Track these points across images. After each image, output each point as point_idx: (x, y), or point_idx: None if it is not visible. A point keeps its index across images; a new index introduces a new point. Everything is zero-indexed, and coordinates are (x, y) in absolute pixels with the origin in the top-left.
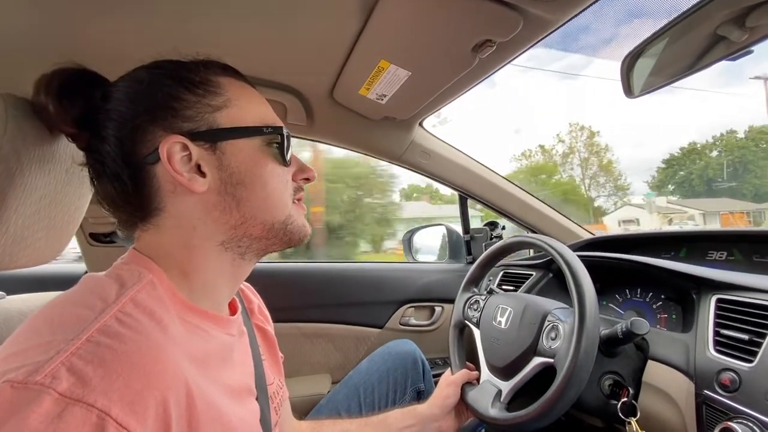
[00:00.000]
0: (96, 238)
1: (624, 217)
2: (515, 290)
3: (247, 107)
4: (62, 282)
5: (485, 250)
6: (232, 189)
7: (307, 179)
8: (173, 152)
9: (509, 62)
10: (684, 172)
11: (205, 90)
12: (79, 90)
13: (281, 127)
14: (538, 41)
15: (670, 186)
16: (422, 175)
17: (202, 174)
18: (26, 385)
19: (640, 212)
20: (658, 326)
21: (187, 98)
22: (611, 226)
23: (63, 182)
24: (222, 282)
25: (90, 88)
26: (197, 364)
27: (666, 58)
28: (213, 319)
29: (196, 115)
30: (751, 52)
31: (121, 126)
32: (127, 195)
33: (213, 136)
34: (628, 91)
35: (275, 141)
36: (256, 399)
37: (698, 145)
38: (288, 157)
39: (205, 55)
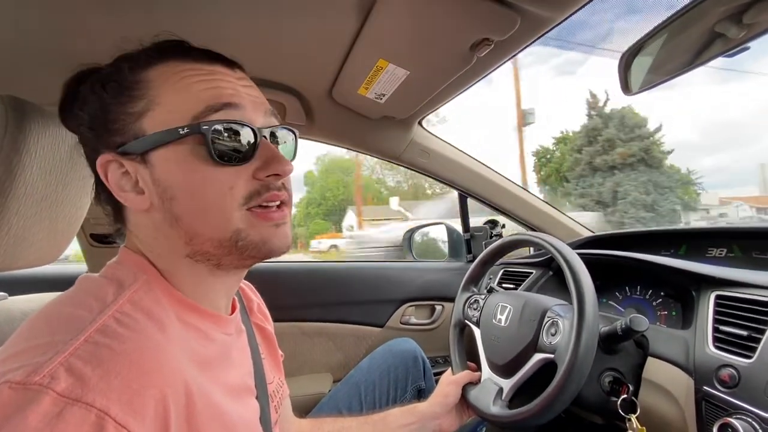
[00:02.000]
0: (97, 239)
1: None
2: (515, 288)
3: (173, 103)
4: (64, 283)
5: (485, 248)
6: (168, 204)
7: (277, 175)
8: (109, 171)
9: (507, 60)
10: (549, 166)
11: (127, 95)
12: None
13: (207, 122)
14: (536, 39)
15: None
16: (422, 173)
17: (141, 191)
18: (25, 385)
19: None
20: (657, 323)
21: (113, 109)
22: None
23: (64, 183)
24: (211, 288)
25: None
26: (196, 363)
27: (663, 55)
28: (210, 317)
29: (123, 127)
30: (747, 48)
31: (81, 140)
32: (106, 204)
33: (138, 148)
34: (626, 88)
35: (214, 136)
36: (256, 398)
37: (570, 134)
38: (225, 154)
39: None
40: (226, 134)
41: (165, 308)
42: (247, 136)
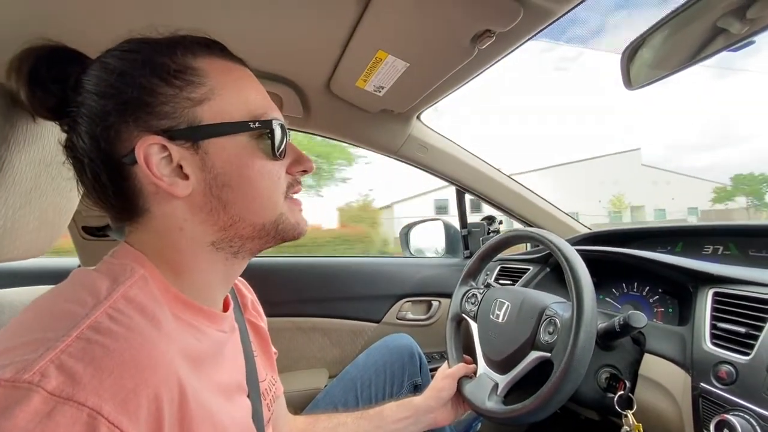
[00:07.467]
0: (89, 232)
1: None
2: (513, 284)
3: (232, 97)
4: (56, 276)
5: (483, 244)
6: (217, 191)
7: (305, 171)
8: (150, 154)
9: (509, 53)
10: None
11: (184, 80)
12: (52, 75)
13: (271, 121)
14: (539, 32)
15: None
16: (419, 169)
17: (185, 176)
18: (14, 383)
19: None
20: (654, 320)
21: (163, 91)
22: None
23: (54, 173)
24: (215, 280)
25: (65, 70)
26: (189, 361)
27: (666, 50)
28: (206, 315)
29: (174, 111)
30: (752, 42)
31: (93, 123)
32: (108, 196)
33: (194, 135)
34: (628, 83)
35: (265, 134)
36: (248, 396)
37: None
38: (280, 150)
39: (187, 30)
40: (279, 133)
41: (160, 304)
42: (285, 135)
